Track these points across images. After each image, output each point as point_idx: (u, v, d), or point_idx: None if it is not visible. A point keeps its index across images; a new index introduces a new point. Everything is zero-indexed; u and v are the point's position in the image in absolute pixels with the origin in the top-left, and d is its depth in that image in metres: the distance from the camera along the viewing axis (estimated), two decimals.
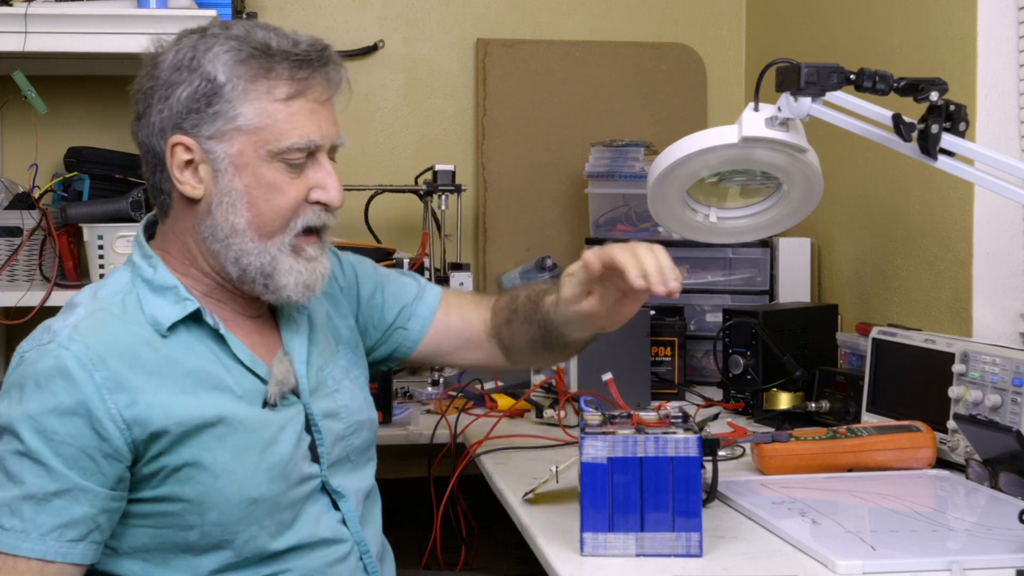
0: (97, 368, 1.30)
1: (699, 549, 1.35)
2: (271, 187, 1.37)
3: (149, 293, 1.39)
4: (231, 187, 1.37)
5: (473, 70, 3.03)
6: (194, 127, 1.36)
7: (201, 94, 1.36)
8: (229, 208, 1.37)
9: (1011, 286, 2.05)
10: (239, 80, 1.36)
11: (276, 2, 2.94)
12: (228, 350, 1.40)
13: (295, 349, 1.48)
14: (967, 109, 1.53)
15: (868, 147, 2.19)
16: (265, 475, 1.37)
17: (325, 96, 1.40)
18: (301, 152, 1.38)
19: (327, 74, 1.40)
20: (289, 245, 1.39)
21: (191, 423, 1.33)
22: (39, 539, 1.28)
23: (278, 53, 1.37)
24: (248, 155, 1.36)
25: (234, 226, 1.37)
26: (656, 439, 1.35)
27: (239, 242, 1.38)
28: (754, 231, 1.84)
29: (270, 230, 1.38)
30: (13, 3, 2.32)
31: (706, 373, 2.55)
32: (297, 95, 1.37)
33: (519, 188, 2.97)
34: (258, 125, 1.36)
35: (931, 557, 1.32)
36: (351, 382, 1.55)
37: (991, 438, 1.58)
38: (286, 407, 1.43)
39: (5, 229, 2.42)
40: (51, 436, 1.28)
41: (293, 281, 1.40)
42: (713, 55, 3.11)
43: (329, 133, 1.40)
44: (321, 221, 1.41)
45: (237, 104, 1.35)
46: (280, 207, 1.38)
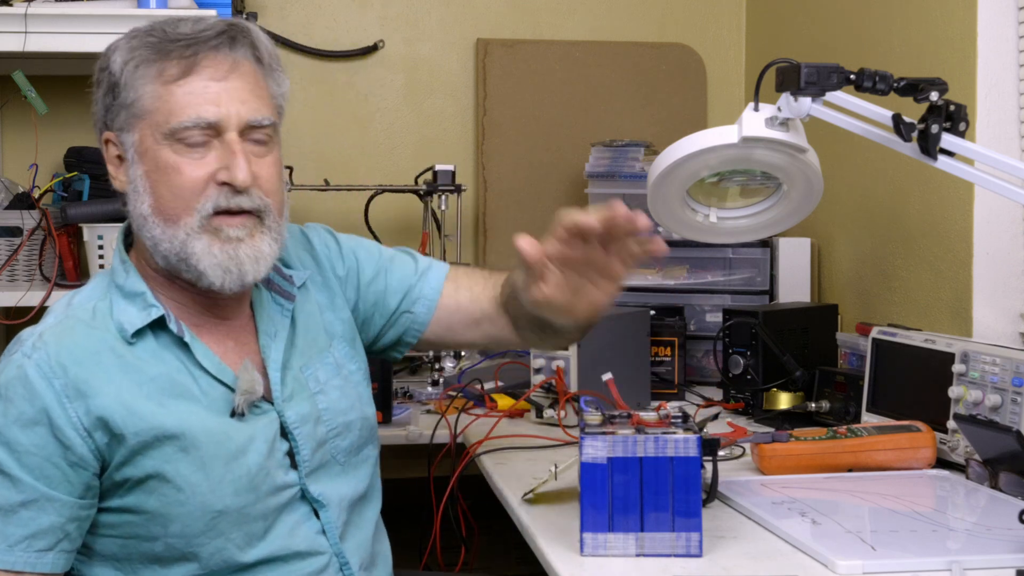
0: (56, 376, 1.29)
1: (699, 549, 1.35)
2: (168, 168, 1.34)
3: (120, 299, 1.38)
4: (136, 175, 1.37)
5: (473, 70, 3.03)
6: (112, 121, 1.38)
7: (108, 88, 1.38)
8: (136, 197, 1.37)
9: (1011, 286, 2.05)
10: (132, 67, 1.36)
11: (276, 2, 2.94)
12: (194, 358, 1.38)
13: (271, 354, 1.45)
14: (967, 109, 1.53)
15: (868, 147, 2.18)
16: (231, 487, 1.34)
17: (223, 73, 1.36)
18: (193, 131, 1.34)
19: (229, 49, 1.37)
20: (199, 227, 1.35)
21: (152, 432, 1.31)
22: (7, 550, 1.27)
23: (174, 37, 1.36)
24: (147, 141, 1.35)
25: (142, 214, 1.36)
26: (656, 439, 1.35)
27: (149, 230, 1.36)
28: (754, 231, 1.84)
29: (173, 214, 1.35)
30: (13, 3, 2.32)
31: (706, 373, 2.55)
32: (187, 73, 1.35)
33: (519, 188, 2.97)
34: (150, 108, 1.35)
35: (931, 557, 1.32)
36: (342, 380, 1.51)
37: (991, 438, 1.58)
38: (257, 415, 1.40)
39: (5, 229, 2.42)
40: (15, 447, 1.28)
41: (211, 264, 1.35)
42: (713, 55, 3.11)
43: (233, 111, 1.35)
44: (234, 203, 1.35)
45: (131, 92, 1.36)
46: (179, 188, 1.34)
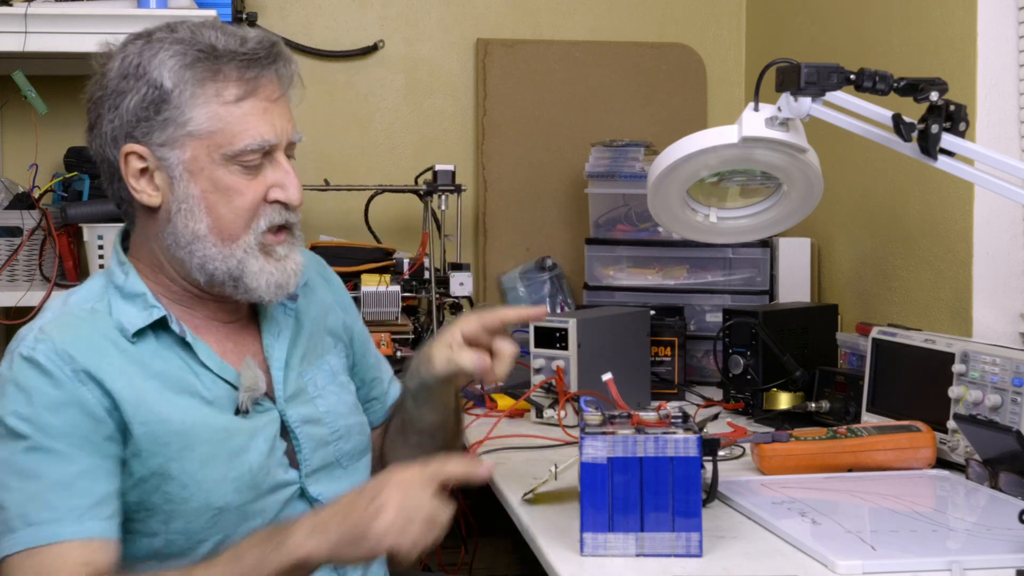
0: (66, 363, 1.30)
1: (699, 549, 1.35)
2: (228, 190, 1.35)
3: (120, 300, 1.38)
4: (188, 193, 1.35)
5: (473, 70, 3.03)
6: (145, 135, 1.34)
7: (149, 101, 1.34)
8: (188, 215, 1.35)
9: (1011, 286, 2.05)
10: (186, 85, 1.33)
11: (276, 2, 2.94)
12: (196, 357, 1.39)
13: (274, 354, 1.46)
14: (967, 109, 1.53)
15: (868, 147, 2.18)
16: (232, 484, 1.35)
17: (277, 93, 1.38)
18: (256, 153, 1.35)
19: (277, 71, 1.38)
20: (256, 245, 1.37)
21: (158, 425, 1.32)
22: (77, 521, 1.27)
23: (225, 54, 1.35)
24: (202, 160, 1.34)
25: (195, 232, 1.36)
26: (656, 439, 1.34)
27: (202, 248, 1.36)
28: (754, 231, 1.84)
29: (232, 233, 1.36)
30: (13, 3, 2.32)
31: (706, 373, 2.55)
32: (247, 95, 1.35)
33: (519, 188, 2.97)
34: (210, 129, 1.34)
35: (931, 557, 1.32)
36: (338, 387, 1.53)
37: (991, 438, 1.58)
38: (259, 413, 1.41)
39: (5, 229, 2.42)
40: (52, 430, 1.28)
41: (264, 283, 1.38)
42: (713, 55, 3.11)
43: (284, 131, 1.38)
44: (283, 219, 1.39)
45: (187, 110, 1.33)
46: (239, 209, 1.36)
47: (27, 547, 1.25)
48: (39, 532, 1.25)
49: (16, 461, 1.27)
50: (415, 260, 2.55)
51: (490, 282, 2.94)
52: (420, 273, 2.53)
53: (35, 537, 1.25)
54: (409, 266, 2.52)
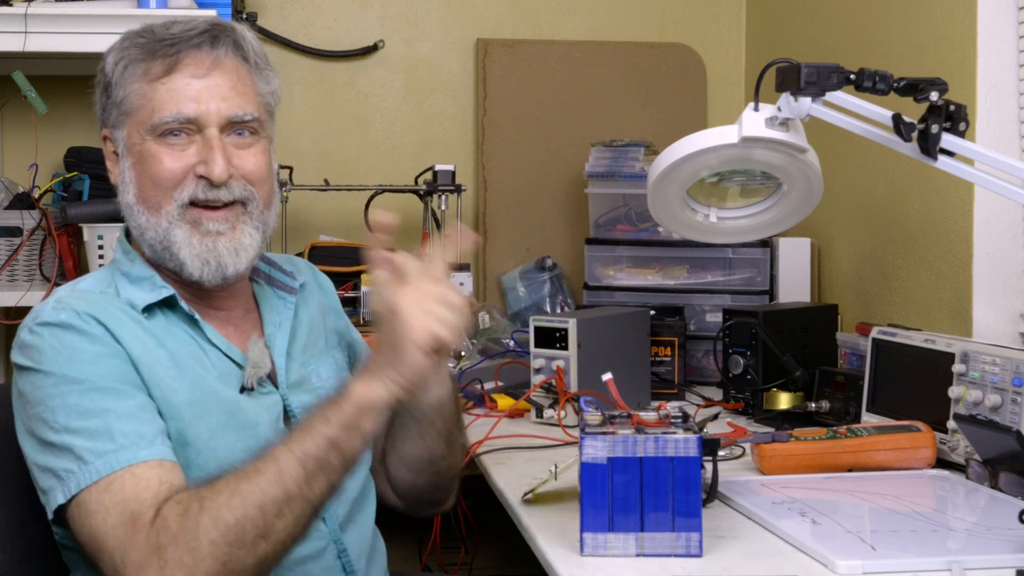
0: (92, 323, 1.34)
1: (699, 549, 1.35)
2: (149, 158, 1.40)
3: (127, 284, 1.43)
4: (124, 168, 1.43)
5: (473, 70, 3.03)
6: (106, 120, 1.44)
7: (103, 88, 1.44)
8: (124, 189, 1.43)
9: (1011, 286, 2.05)
10: (122, 67, 1.41)
11: (276, 2, 2.94)
12: (204, 335, 1.43)
13: (276, 342, 1.50)
14: (967, 109, 1.53)
15: (868, 147, 2.18)
16: (242, 454, 1.35)
17: (204, 71, 1.41)
18: (175, 125, 1.39)
19: (204, 48, 1.41)
20: (178, 216, 1.40)
21: (171, 394, 1.35)
22: (149, 444, 1.29)
23: (160, 36, 1.42)
24: (134, 136, 1.41)
25: (128, 203, 1.43)
26: (656, 439, 1.34)
27: (135, 217, 1.42)
28: (754, 231, 1.84)
29: (154, 202, 1.40)
30: (13, 3, 2.32)
31: (706, 373, 2.55)
32: (170, 70, 1.40)
33: (519, 188, 2.97)
34: (137, 105, 1.41)
35: (931, 557, 1.32)
36: (341, 382, 1.55)
37: (991, 438, 1.58)
38: (263, 394, 1.44)
39: (5, 229, 2.42)
40: (101, 374, 1.31)
41: (190, 256, 1.40)
42: (713, 55, 3.11)
43: (211, 108, 1.40)
44: (211, 195, 1.40)
45: (120, 90, 1.41)
46: (157, 177, 1.40)
47: (104, 475, 1.26)
48: (115, 458, 1.27)
49: (77, 403, 1.29)
50: None
51: (490, 282, 2.94)
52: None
53: (111, 463, 1.27)
54: None
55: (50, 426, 1.30)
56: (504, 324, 2.70)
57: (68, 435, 1.29)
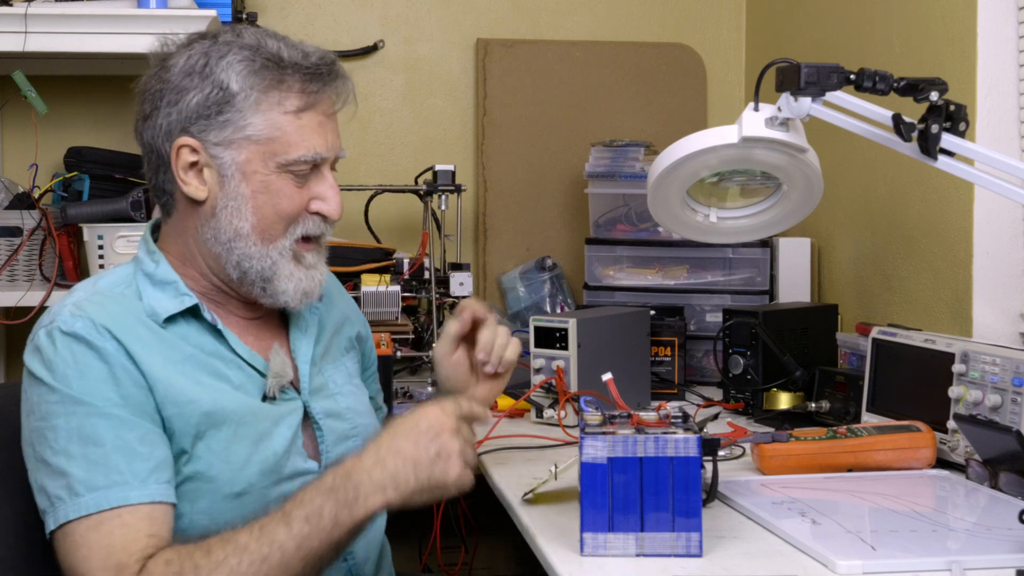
0: (107, 338, 1.33)
1: (699, 549, 1.35)
2: (277, 194, 1.40)
3: (149, 286, 1.42)
4: (237, 192, 1.39)
5: (473, 70, 3.03)
6: (201, 132, 1.38)
7: (212, 101, 1.37)
8: (234, 212, 1.39)
9: (1011, 286, 2.05)
10: (252, 91, 1.37)
11: (276, 2, 2.94)
12: (226, 343, 1.42)
13: (301, 348, 1.51)
14: (967, 109, 1.53)
15: (868, 147, 2.19)
16: (256, 467, 1.38)
17: (332, 109, 1.43)
18: (307, 165, 1.40)
19: (336, 88, 1.43)
20: (290, 250, 1.42)
21: (187, 407, 1.35)
22: (141, 485, 1.29)
23: (290, 65, 1.39)
24: (255, 164, 1.38)
25: (238, 230, 1.40)
26: (656, 439, 1.34)
27: (242, 246, 1.40)
28: (754, 231, 1.84)
29: (272, 235, 1.41)
30: (13, 3, 2.32)
31: (706, 373, 2.55)
32: (307, 108, 1.40)
33: (519, 188, 2.97)
34: (268, 136, 1.38)
35: (931, 557, 1.32)
36: (354, 387, 1.58)
37: (991, 438, 1.58)
38: (284, 401, 1.45)
39: (5, 229, 2.42)
40: (106, 398, 1.31)
41: (292, 288, 1.43)
42: (713, 55, 3.11)
43: (334, 146, 1.43)
44: (319, 231, 1.45)
45: (248, 114, 1.37)
46: (283, 213, 1.41)
47: (92, 512, 1.27)
48: (105, 496, 1.27)
49: (79, 427, 1.29)
50: (415, 260, 2.54)
51: (490, 282, 2.94)
52: (420, 273, 2.53)
53: (101, 501, 1.27)
54: (409, 266, 2.52)
55: (49, 445, 1.30)
56: (504, 324, 2.70)
57: (65, 459, 1.29)
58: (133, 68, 1.43)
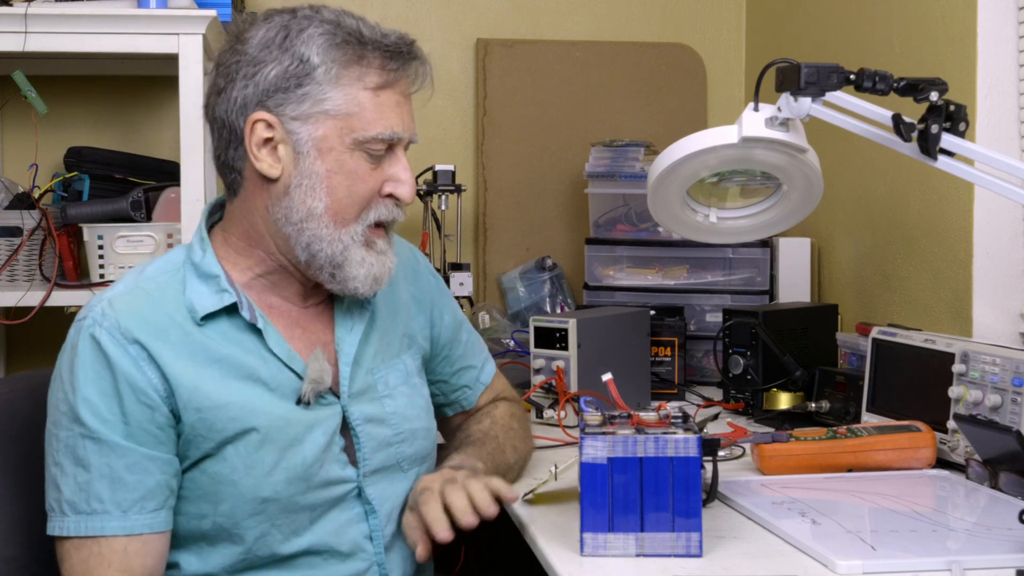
0: (128, 343, 1.31)
1: (699, 549, 1.35)
2: (352, 174, 1.37)
3: (195, 277, 1.39)
4: (312, 170, 1.36)
5: (473, 70, 3.03)
6: (278, 106, 1.35)
7: (292, 74, 1.34)
8: (308, 191, 1.36)
9: (1011, 286, 2.05)
10: (333, 64, 1.35)
11: (276, 2, 2.94)
12: (265, 343, 1.39)
13: (344, 348, 1.46)
14: (967, 109, 1.53)
15: (868, 147, 2.19)
16: (283, 474, 1.36)
17: (409, 90, 1.42)
18: (383, 143, 1.38)
19: (415, 68, 1.41)
20: (362, 236, 1.39)
21: (213, 412, 1.33)
22: (123, 516, 1.29)
23: (370, 42, 1.37)
24: (332, 140, 1.36)
25: (311, 209, 1.36)
26: (656, 439, 1.34)
27: (314, 227, 1.37)
28: (754, 231, 1.84)
29: (345, 218, 1.38)
30: (13, 3, 2.32)
31: (706, 373, 2.55)
32: (386, 86, 1.38)
33: (519, 188, 2.97)
34: (347, 111, 1.35)
35: (931, 557, 1.32)
36: (410, 388, 1.52)
37: (991, 438, 1.58)
38: (321, 406, 1.41)
39: (5, 229, 2.42)
40: (105, 416, 1.30)
41: (363, 273, 1.39)
42: (713, 55, 3.11)
43: (410, 127, 1.42)
44: (392, 216, 1.42)
45: (328, 88, 1.35)
46: (358, 195, 1.38)
47: (74, 535, 1.30)
48: (85, 523, 1.29)
49: (72, 446, 1.30)
50: None
51: (490, 282, 2.94)
52: None
53: (81, 527, 1.30)
54: None
55: (52, 453, 1.33)
56: (504, 324, 2.70)
57: (59, 472, 1.31)
58: (133, 68, 1.43)
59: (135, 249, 2.37)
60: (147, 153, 2.72)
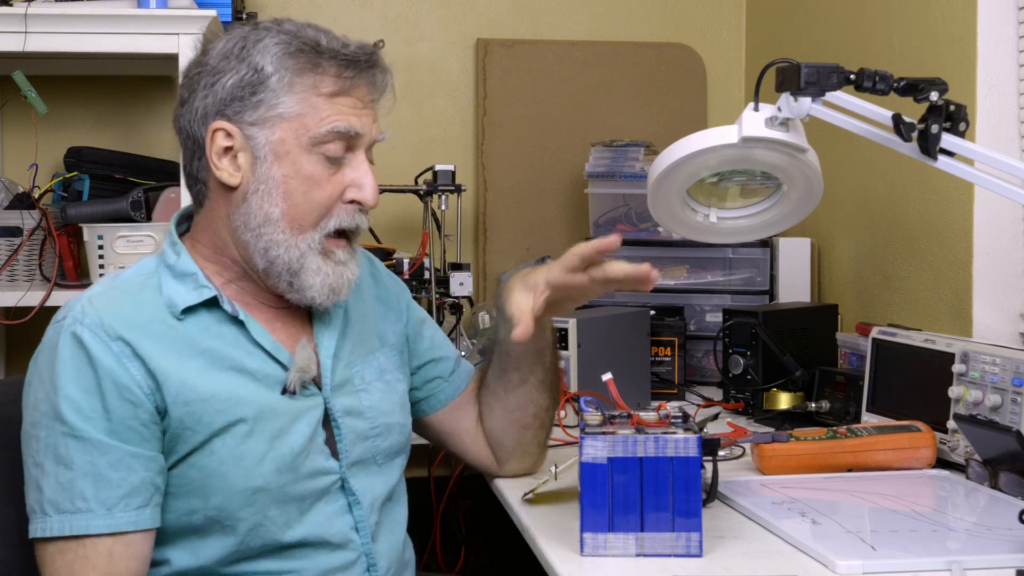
0: (111, 339, 1.31)
1: (699, 549, 1.35)
2: (309, 179, 1.37)
3: (171, 278, 1.40)
4: (269, 175, 1.37)
5: (473, 70, 3.03)
6: (236, 113, 1.37)
7: (247, 83, 1.37)
8: (265, 196, 1.37)
9: (1011, 286, 2.05)
10: (286, 72, 1.37)
11: (276, 2, 2.94)
12: (248, 335, 1.40)
13: (323, 341, 1.47)
14: (967, 109, 1.53)
15: (868, 147, 2.18)
16: (272, 464, 1.36)
17: (369, 98, 1.42)
18: (340, 139, 1.38)
19: (373, 77, 1.41)
20: (319, 244, 1.39)
21: (200, 404, 1.33)
22: (107, 514, 1.28)
23: (327, 51, 1.38)
24: (289, 143, 1.37)
25: (268, 215, 1.37)
26: (656, 439, 1.34)
27: (270, 232, 1.38)
28: (754, 231, 1.84)
29: (303, 224, 1.38)
30: (13, 3, 2.32)
31: (706, 373, 2.55)
32: (341, 93, 1.38)
33: (519, 188, 2.97)
34: (300, 112, 1.36)
35: (931, 557, 1.32)
36: (384, 384, 1.54)
37: (991, 438, 1.58)
38: (305, 397, 1.42)
39: (5, 229, 2.42)
40: (88, 413, 1.29)
41: (320, 283, 1.40)
42: (713, 55, 3.11)
43: (369, 127, 1.40)
44: (354, 223, 1.42)
45: (281, 94, 1.36)
46: (315, 201, 1.38)
47: (56, 535, 1.28)
48: (68, 522, 1.28)
49: (54, 445, 1.29)
50: (415, 260, 2.54)
51: (490, 282, 2.94)
52: (420, 273, 2.53)
53: (64, 527, 1.28)
54: (409, 266, 2.52)
55: (32, 454, 1.32)
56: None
57: (40, 473, 1.30)
58: (133, 68, 1.43)
59: (135, 249, 2.37)
60: (147, 153, 2.72)
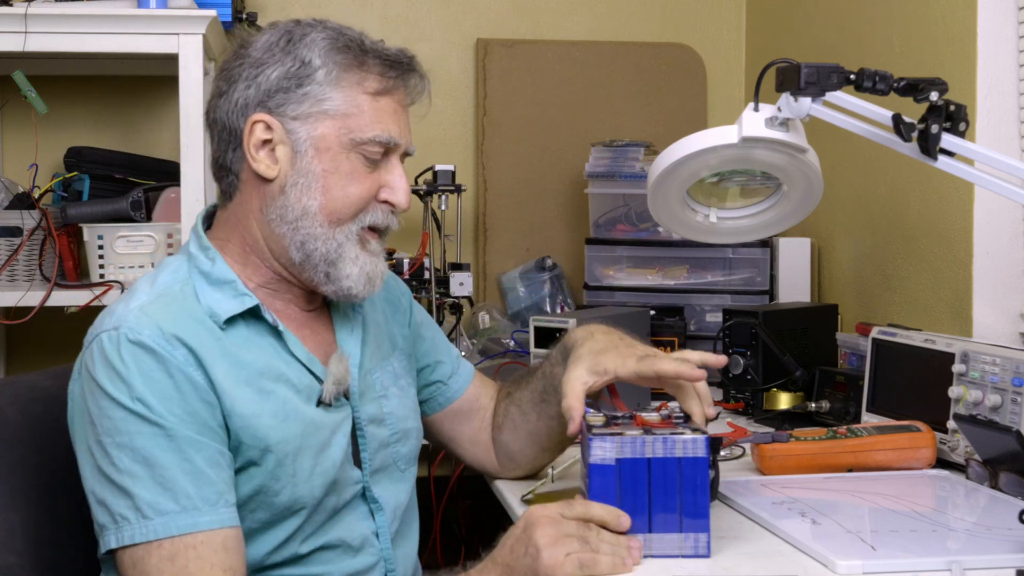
0: (175, 345, 1.28)
1: (707, 550, 1.35)
2: (348, 175, 1.38)
3: (206, 286, 1.37)
4: (309, 169, 1.37)
5: (473, 70, 3.03)
6: (279, 106, 1.37)
7: (293, 75, 1.37)
8: (304, 189, 1.37)
9: (1011, 286, 2.05)
10: (334, 66, 1.37)
11: (276, 2, 2.94)
12: (286, 346, 1.38)
13: (348, 349, 1.46)
14: (967, 109, 1.53)
15: (868, 147, 2.19)
16: (319, 479, 1.35)
17: (407, 101, 1.44)
18: (380, 147, 1.39)
19: (412, 80, 1.44)
20: (356, 234, 1.39)
21: (253, 419, 1.31)
22: (211, 510, 1.25)
23: (371, 50, 1.40)
24: (330, 139, 1.37)
25: (306, 208, 1.37)
26: (664, 440, 1.34)
27: (308, 225, 1.37)
28: (754, 231, 1.84)
29: (340, 217, 1.38)
30: (13, 3, 2.32)
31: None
32: (384, 92, 1.40)
33: (519, 188, 2.97)
34: (345, 112, 1.37)
35: (931, 557, 1.32)
36: (399, 390, 1.53)
37: (991, 438, 1.58)
38: (337, 409, 1.41)
39: (5, 229, 2.42)
40: (173, 416, 1.25)
41: (357, 272, 1.39)
42: (713, 55, 3.11)
43: (406, 136, 1.43)
44: (387, 222, 1.43)
45: (328, 89, 1.37)
46: (353, 196, 1.38)
47: (162, 537, 1.23)
48: (175, 521, 1.23)
49: (144, 447, 1.24)
50: (415, 260, 2.55)
51: (490, 282, 2.94)
52: (420, 273, 2.53)
53: (170, 527, 1.23)
54: (409, 266, 2.52)
55: (113, 462, 1.25)
56: (504, 324, 2.70)
57: (130, 479, 1.24)
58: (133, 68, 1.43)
59: (135, 249, 2.37)
60: (147, 153, 2.72)
